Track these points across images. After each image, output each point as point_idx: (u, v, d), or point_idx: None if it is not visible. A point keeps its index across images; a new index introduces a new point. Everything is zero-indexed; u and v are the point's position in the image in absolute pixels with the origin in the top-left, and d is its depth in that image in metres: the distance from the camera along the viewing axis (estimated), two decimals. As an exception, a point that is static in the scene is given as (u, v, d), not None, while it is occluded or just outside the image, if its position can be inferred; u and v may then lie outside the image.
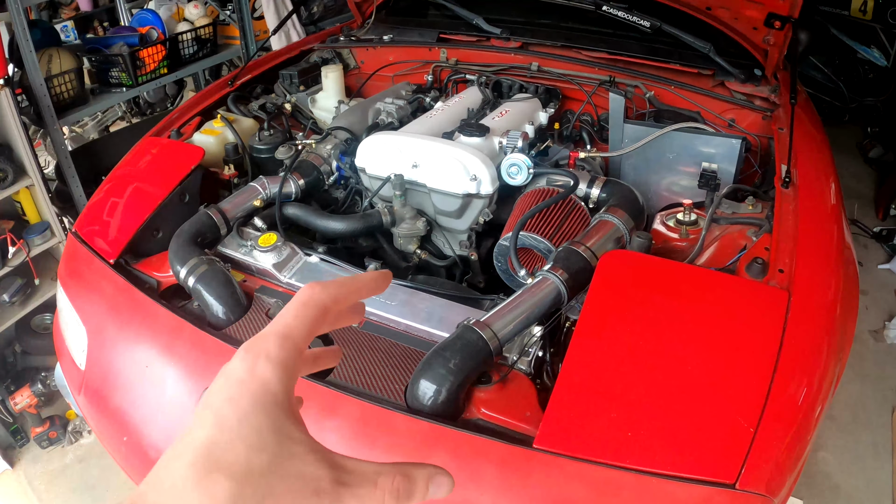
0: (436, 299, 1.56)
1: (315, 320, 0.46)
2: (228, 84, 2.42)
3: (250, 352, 0.43)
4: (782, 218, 1.57)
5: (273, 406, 0.41)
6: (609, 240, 1.62)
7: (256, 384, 0.41)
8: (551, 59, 2.41)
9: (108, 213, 1.97)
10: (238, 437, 0.39)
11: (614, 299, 1.36)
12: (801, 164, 1.84)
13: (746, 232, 1.63)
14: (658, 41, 2.41)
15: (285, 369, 0.42)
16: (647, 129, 2.04)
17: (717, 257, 1.62)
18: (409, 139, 1.84)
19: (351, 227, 1.81)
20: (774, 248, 1.47)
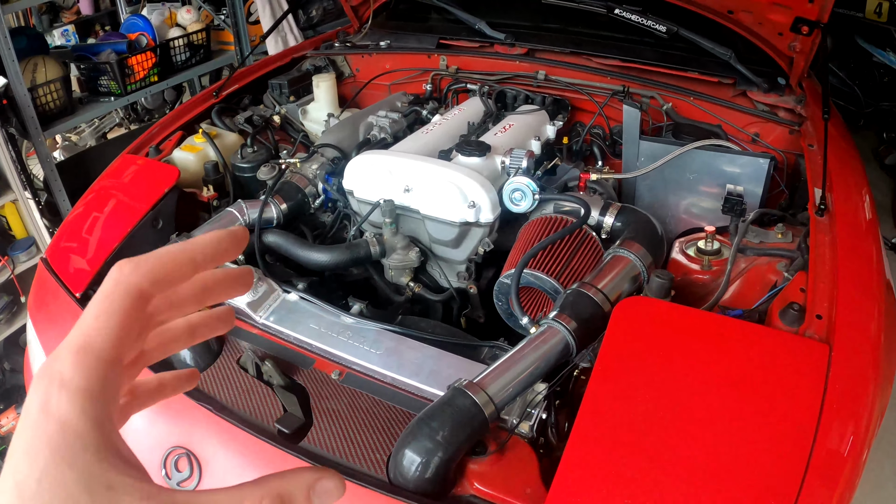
0: (426, 347, 1.34)
1: (126, 315, 0.34)
2: (213, 95, 2.20)
3: (43, 378, 0.32)
4: (818, 251, 1.36)
5: (79, 452, 0.31)
6: (624, 279, 1.39)
7: (53, 426, 0.31)
8: (559, 67, 2.17)
9: (77, 240, 1.77)
10: (40, 500, 0.30)
11: (631, 357, 1.14)
12: (835, 187, 1.61)
13: (777, 265, 1.43)
14: (674, 47, 2.16)
15: (89, 396, 0.32)
16: (665, 146, 1.79)
17: (744, 294, 1.41)
18: (400, 160, 1.61)
19: (335, 260, 1.59)
20: (811, 289, 1.26)
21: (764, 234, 1.54)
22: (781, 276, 1.39)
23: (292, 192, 1.76)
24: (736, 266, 1.49)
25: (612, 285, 1.36)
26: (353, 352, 1.37)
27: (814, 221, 1.44)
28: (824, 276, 1.28)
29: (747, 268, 1.48)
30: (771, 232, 1.53)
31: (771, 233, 1.53)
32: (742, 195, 1.70)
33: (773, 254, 1.46)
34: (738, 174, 1.78)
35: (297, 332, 1.44)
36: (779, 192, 1.93)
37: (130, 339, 0.34)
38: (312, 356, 1.40)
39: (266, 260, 1.68)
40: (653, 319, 1.20)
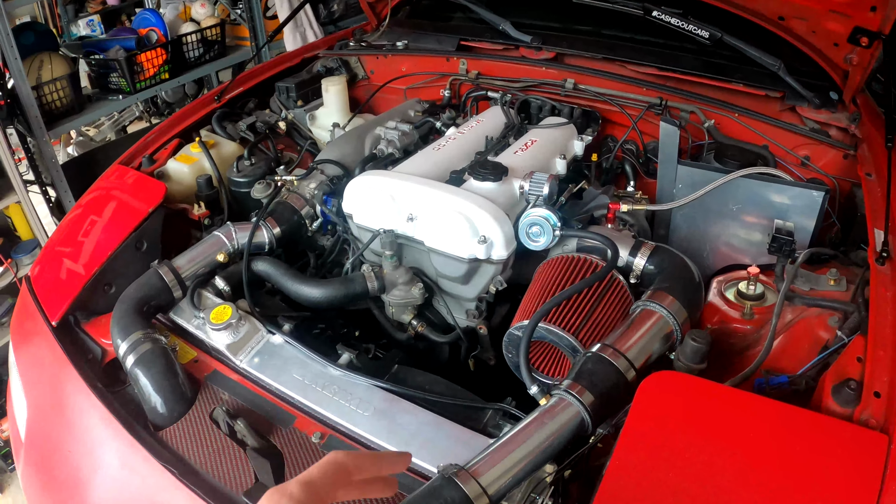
0: (422, 411, 1.14)
1: (336, 476, 0.51)
2: (215, 99, 2.00)
3: (275, 494, 0.45)
4: (879, 310, 1.12)
5: None
6: (654, 339, 1.16)
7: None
8: (589, 76, 1.91)
9: (58, 261, 1.60)
10: None
11: (655, 448, 0.94)
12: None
13: (828, 319, 1.20)
14: (717, 55, 1.88)
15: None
16: (706, 173, 1.53)
17: (790, 353, 1.20)
18: (403, 184, 1.40)
19: (327, 296, 1.38)
20: (870, 358, 1.03)
21: (814, 279, 1.30)
22: (833, 332, 1.17)
23: (286, 214, 1.56)
24: (783, 317, 1.25)
25: (639, 348, 1.12)
26: (339, 410, 1.17)
27: (874, 271, 1.20)
28: (885, 342, 1.06)
29: (794, 320, 1.25)
30: (822, 277, 1.29)
31: (822, 278, 1.29)
32: (792, 232, 1.43)
33: (825, 305, 1.23)
34: (788, 206, 1.51)
35: (278, 382, 1.25)
36: (829, 224, 1.66)
37: (335, 490, 0.51)
38: (293, 412, 1.21)
39: (254, 291, 1.48)
40: (684, 402, 0.99)
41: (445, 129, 1.79)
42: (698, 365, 1.11)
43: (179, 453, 1.19)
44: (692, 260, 1.65)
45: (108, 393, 1.31)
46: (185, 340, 1.40)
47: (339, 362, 1.23)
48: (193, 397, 1.27)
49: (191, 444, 1.20)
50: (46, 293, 1.55)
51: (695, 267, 1.34)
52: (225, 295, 1.44)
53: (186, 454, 1.18)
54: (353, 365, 1.23)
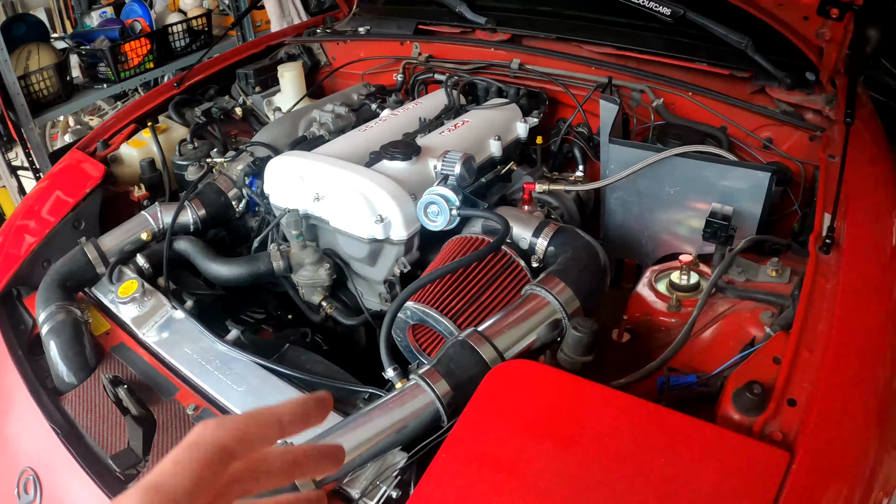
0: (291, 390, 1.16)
1: (204, 466, 0.36)
2: (175, 86, 2.09)
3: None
4: (812, 304, 1.04)
5: None
6: (535, 326, 1.14)
7: None
8: (540, 56, 1.89)
9: (12, 236, 1.72)
10: None
11: (486, 441, 0.90)
12: (854, 213, 1.27)
13: (760, 315, 1.13)
14: (683, 34, 1.82)
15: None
16: (638, 152, 1.49)
17: (713, 351, 1.14)
18: (311, 163, 1.43)
19: (234, 274, 1.44)
20: (789, 359, 0.93)
21: (754, 269, 1.24)
22: (762, 330, 1.10)
23: (212, 196, 1.62)
24: (713, 309, 1.20)
25: (514, 335, 1.10)
26: (216, 385, 1.22)
27: (814, 260, 1.13)
28: (814, 342, 0.97)
29: (724, 313, 1.19)
30: (763, 267, 1.23)
31: (763, 268, 1.23)
32: (729, 217, 1.38)
33: (759, 298, 1.16)
34: (734, 189, 1.45)
35: (171, 355, 1.31)
36: (790, 213, 1.59)
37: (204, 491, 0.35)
38: (178, 384, 1.27)
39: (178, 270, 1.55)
40: (528, 395, 0.95)
41: (380, 112, 1.82)
42: (582, 357, 1.06)
43: (71, 417, 1.27)
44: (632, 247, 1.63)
45: (24, 359, 1.41)
46: (104, 314, 1.48)
47: (226, 338, 1.28)
48: (95, 366, 1.35)
49: (83, 409, 1.28)
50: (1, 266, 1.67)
51: (601, 251, 1.31)
52: (144, 272, 1.52)
53: (77, 418, 1.26)
54: (239, 342, 1.27)
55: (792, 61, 1.68)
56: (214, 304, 1.52)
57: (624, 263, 1.68)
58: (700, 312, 1.16)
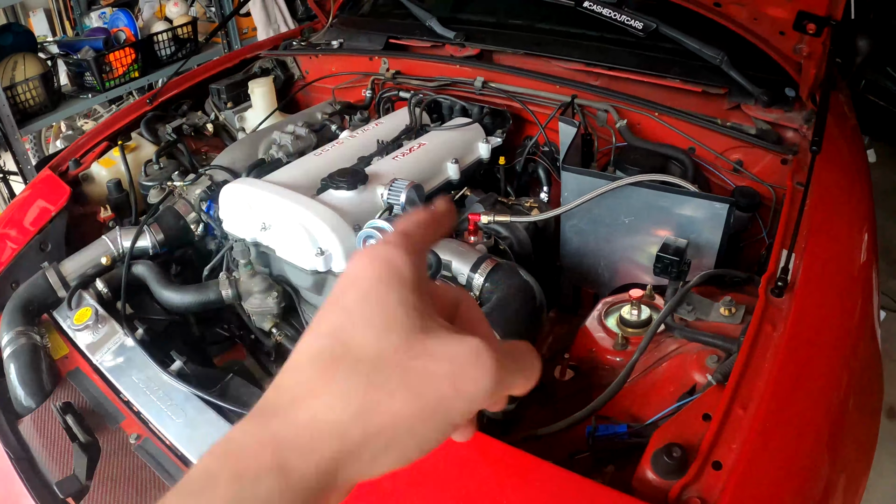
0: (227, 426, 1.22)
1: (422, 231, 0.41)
2: (147, 102, 2.15)
3: (366, 248, 0.38)
4: (755, 353, 1.03)
5: (399, 282, 0.36)
6: None
7: (378, 267, 0.36)
8: (505, 74, 1.91)
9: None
10: (365, 319, 0.35)
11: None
12: (813, 251, 1.24)
13: (706, 359, 1.11)
14: (657, 49, 1.83)
15: (409, 251, 0.38)
16: (592, 180, 1.51)
17: (656, 396, 1.13)
18: (258, 192, 1.48)
19: (185, 302, 1.51)
20: (719, 417, 0.92)
21: (707, 307, 1.24)
22: (704, 377, 1.09)
23: (171, 220, 1.69)
24: (659, 349, 1.21)
25: None
26: (158, 415, 1.29)
27: (763, 303, 1.10)
28: (750, 397, 0.95)
29: (670, 355, 1.19)
30: (716, 305, 1.22)
31: (716, 306, 1.22)
32: (682, 251, 1.38)
33: (705, 341, 1.15)
34: (692, 219, 1.46)
35: (119, 383, 1.38)
36: (758, 241, 1.59)
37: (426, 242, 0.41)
38: (125, 412, 1.33)
39: (137, 294, 1.61)
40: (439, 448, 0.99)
41: (339, 133, 1.86)
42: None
43: (25, 441, 1.35)
44: (589, 275, 1.65)
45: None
46: (64, 337, 1.56)
47: (169, 368, 1.34)
48: (51, 390, 1.43)
49: (37, 434, 1.36)
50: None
51: (537, 290, 1.33)
52: (104, 296, 1.59)
53: (31, 442, 1.35)
54: (182, 372, 1.34)
55: (770, 77, 1.68)
56: (170, 328, 1.59)
57: (582, 290, 1.70)
58: (642, 354, 1.17)
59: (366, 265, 0.37)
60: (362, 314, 0.35)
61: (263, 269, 1.58)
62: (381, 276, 0.36)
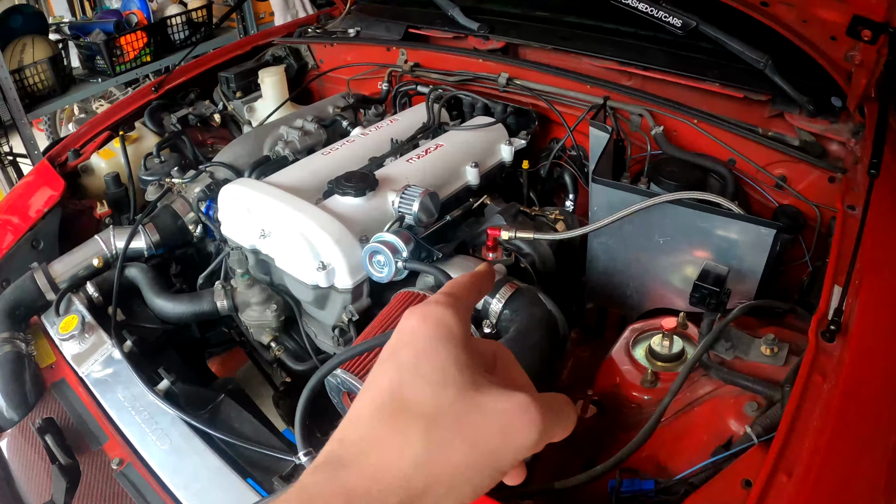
0: (210, 454, 1.13)
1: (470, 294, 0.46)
2: (153, 90, 2.05)
3: (419, 306, 0.42)
4: (804, 408, 0.89)
5: (451, 340, 0.40)
6: None
7: (432, 326, 0.40)
8: (532, 70, 1.77)
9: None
10: (421, 376, 0.39)
11: None
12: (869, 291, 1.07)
13: (745, 405, 0.99)
14: (695, 49, 1.67)
15: (457, 309, 0.42)
16: (623, 195, 1.37)
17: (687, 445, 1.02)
18: (258, 196, 1.37)
19: (178, 312, 1.41)
20: (761, 486, 0.81)
21: (747, 343, 1.10)
22: (741, 427, 0.96)
23: (167, 220, 1.59)
24: (692, 389, 1.09)
25: None
26: (142, 439, 1.20)
27: (813, 349, 0.96)
28: (794, 463, 0.83)
29: (704, 398, 1.07)
30: (757, 342, 1.09)
31: (756, 343, 1.09)
32: (723, 279, 1.25)
33: (744, 385, 1.03)
34: (733, 243, 1.32)
35: (104, 399, 1.30)
36: (799, 265, 1.45)
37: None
38: (108, 432, 1.25)
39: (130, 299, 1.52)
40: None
41: (350, 130, 1.74)
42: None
43: (4, 458, 1.27)
44: (616, 297, 1.51)
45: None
46: (52, 344, 1.48)
47: (157, 387, 1.24)
48: (34, 402, 1.34)
49: (17, 452, 1.28)
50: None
51: (560, 319, 1.21)
52: (94, 301, 1.50)
53: (11, 458, 1.27)
54: (169, 392, 1.24)
55: (816, 84, 1.52)
56: (164, 335, 1.50)
57: (608, 312, 1.57)
58: (674, 398, 1.05)
59: (419, 323, 0.40)
60: (419, 371, 0.38)
61: (264, 277, 1.48)
62: (434, 335, 0.39)
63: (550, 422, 0.39)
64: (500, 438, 0.38)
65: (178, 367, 1.46)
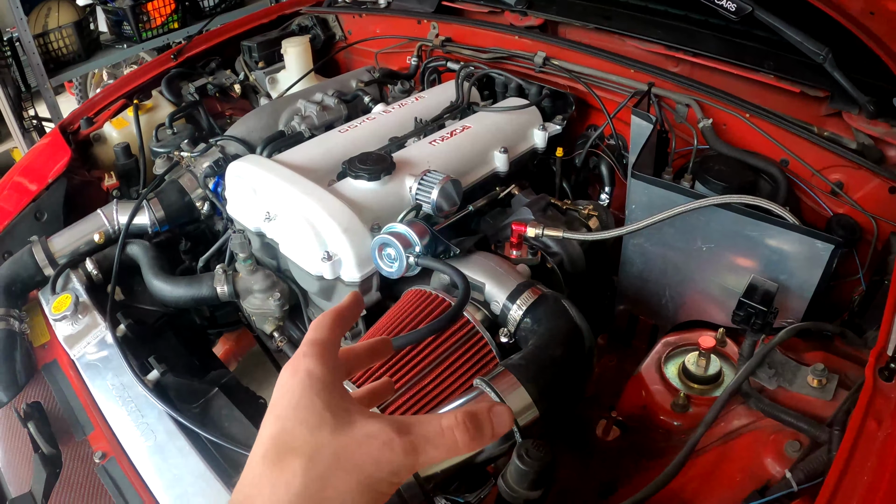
0: (193, 456, 1.04)
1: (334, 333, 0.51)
2: (172, 58, 1.96)
3: (289, 363, 0.48)
4: (857, 456, 0.77)
5: (321, 388, 0.46)
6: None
7: (301, 376, 0.46)
8: (571, 50, 1.61)
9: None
10: (297, 421, 0.44)
11: None
12: None
13: (785, 444, 0.88)
14: (747, 36, 1.50)
15: (324, 359, 0.48)
16: (666, 193, 1.22)
17: (718, 484, 0.90)
18: (264, 175, 1.26)
19: (175, 295, 1.33)
20: None
21: (793, 371, 0.98)
22: (784, 466, 0.85)
23: (174, 196, 1.50)
24: (727, 420, 0.98)
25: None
26: (127, 433, 1.12)
27: (869, 388, 0.83)
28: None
29: (741, 431, 0.95)
30: (805, 370, 0.97)
31: (805, 371, 0.97)
32: (772, 297, 1.10)
33: (786, 421, 0.90)
34: (783, 255, 1.16)
35: (93, 385, 1.22)
36: (852, 282, 1.28)
37: (337, 341, 0.51)
38: (94, 421, 1.17)
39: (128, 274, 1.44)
40: None
41: (374, 105, 1.61)
42: (527, 492, 0.85)
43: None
44: (649, 305, 1.37)
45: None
46: (48, 322, 1.40)
47: (147, 377, 1.16)
48: (24, 383, 1.28)
49: (2, 434, 1.22)
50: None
51: (587, 332, 1.06)
52: (94, 278, 1.42)
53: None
54: (158, 384, 1.15)
55: (878, 83, 1.33)
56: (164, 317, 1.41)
57: (639, 319, 1.43)
58: (707, 426, 0.92)
59: (290, 378, 0.46)
60: (297, 418, 0.44)
61: (270, 262, 1.38)
62: (305, 386, 0.45)
63: (418, 445, 0.44)
64: (373, 463, 0.43)
65: (177, 352, 1.38)
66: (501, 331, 1.10)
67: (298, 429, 0.43)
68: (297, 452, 0.42)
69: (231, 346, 1.97)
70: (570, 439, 1.18)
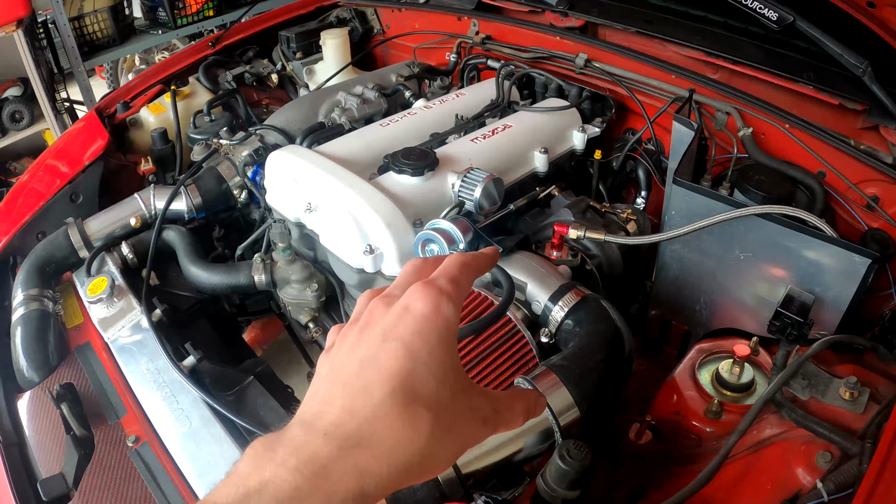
0: (228, 443, 1.02)
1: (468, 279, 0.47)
2: (210, 45, 1.94)
3: (431, 289, 0.43)
4: (883, 476, 0.76)
5: (452, 343, 0.43)
6: (516, 436, 0.92)
7: (441, 321, 0.42)
8: (613, 53, 1.59)
9: (7, 204, 1.65)
10: (429, 370, 0.41)
11: None
12: None
13: (816, 455, 0.87)
14: (786, 45, 1.47)
15: (458, 302, 0.44)
16: (707, 201, 1.19)
17: (747, 493, 0.90)
18: (308, 166, 1.24)
19: (212, 282, 1.31)
20: None
21: (825, 383, 0.97)
22: (815, 476, 0.85)
23: (211, 183, 1.49)
24: (759, 428, 0.96)
25: (490, 442, 0.89)
26: (161, 418, 1.10)
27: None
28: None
29: (772, 440, 0.95)
30: (836, 382, 0.96)
31: (836, 384, 0.96)
32: (808, 309, 1.08)
33: (818, 432, 0.89)
34: (820, 268, 1.14)
35: (128, 370, 1.20)
36: (884, 296, 1.25)
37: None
38: (127, 405, 1.16)
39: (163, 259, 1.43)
40: None
41: (414, 100, 1.59)
42: (565, 491, 0.84)
43: (20, 422, 1.20)
44: (683, 311, 1.35)
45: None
46: (82, 304, 1.39)
47: (183, 363, 1.14)
48: (56, 364, 1.26)
49: (33, 416, 1.21)
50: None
51: (628, 337, 1.05)
52: (129, 262, 1.41)
53: (27, 422, 1.19)
54: (194, 370, 1.13)
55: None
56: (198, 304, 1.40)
57: (672, 325, 1.40)
58: (741, 434, 0.90)
59: (433, 314, 0.42)
60: (429, 366, 0.41)
61: (308, 253, 1.36)
62: (442, 333, 0.42)
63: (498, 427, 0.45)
64: (472, 437, 0.43)
65: (210, 339, 1.36)
66: (542, 331, 1.07)
67: (428, 379, 0.40)
68: (425, 405, 0.39)
69: (257, 333, 1.95)
70: (598, 443, 1.16)
